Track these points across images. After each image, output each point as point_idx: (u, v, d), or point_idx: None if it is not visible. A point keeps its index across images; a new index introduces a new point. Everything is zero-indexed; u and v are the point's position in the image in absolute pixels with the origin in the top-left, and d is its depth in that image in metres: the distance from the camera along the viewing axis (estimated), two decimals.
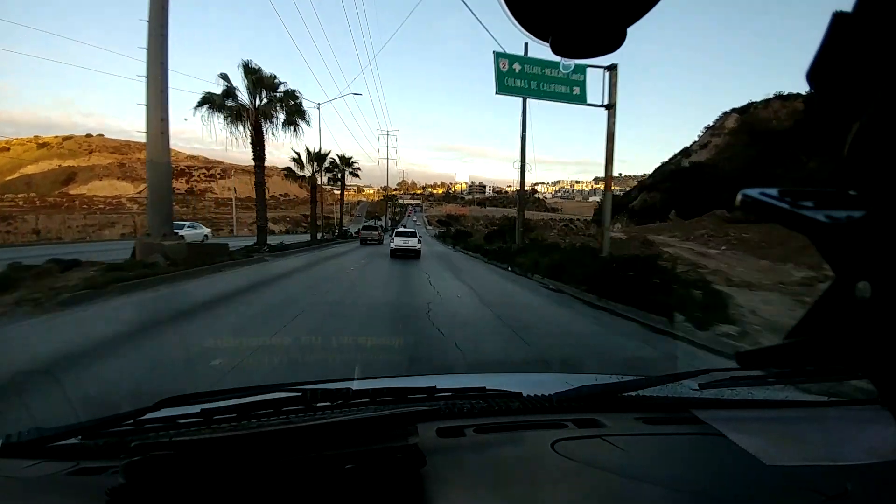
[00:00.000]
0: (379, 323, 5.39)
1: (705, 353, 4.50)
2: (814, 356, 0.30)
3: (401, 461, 0.66)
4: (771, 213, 0.28)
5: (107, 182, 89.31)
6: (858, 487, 0.67)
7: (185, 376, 3.32)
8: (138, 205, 56.03)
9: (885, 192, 0.25)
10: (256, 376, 3.19)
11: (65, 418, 1.49)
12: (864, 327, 0.26)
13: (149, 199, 10.70)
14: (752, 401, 1.05)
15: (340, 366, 3.70)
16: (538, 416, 0.96)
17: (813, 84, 0.28)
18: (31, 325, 4.83)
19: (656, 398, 1.04)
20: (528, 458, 0.78)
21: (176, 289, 7.69)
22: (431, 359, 3.92)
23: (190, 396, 0.91)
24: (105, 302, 6.20)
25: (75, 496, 0.70)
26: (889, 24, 0.25)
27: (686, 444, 0.87)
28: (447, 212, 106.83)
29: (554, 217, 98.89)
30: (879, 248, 0.25)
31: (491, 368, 3.83)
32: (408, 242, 16.32)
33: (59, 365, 3.39)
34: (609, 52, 0.47)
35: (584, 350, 4.61)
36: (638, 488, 0.68)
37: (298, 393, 0.88)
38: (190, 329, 4.84)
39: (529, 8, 0.45)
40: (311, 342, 4.27)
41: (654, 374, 1.11)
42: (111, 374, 3.24)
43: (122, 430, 0.86)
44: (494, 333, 5.04)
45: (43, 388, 2.22)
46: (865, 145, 0.26)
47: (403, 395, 0.97)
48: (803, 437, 0.86)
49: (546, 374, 2.47)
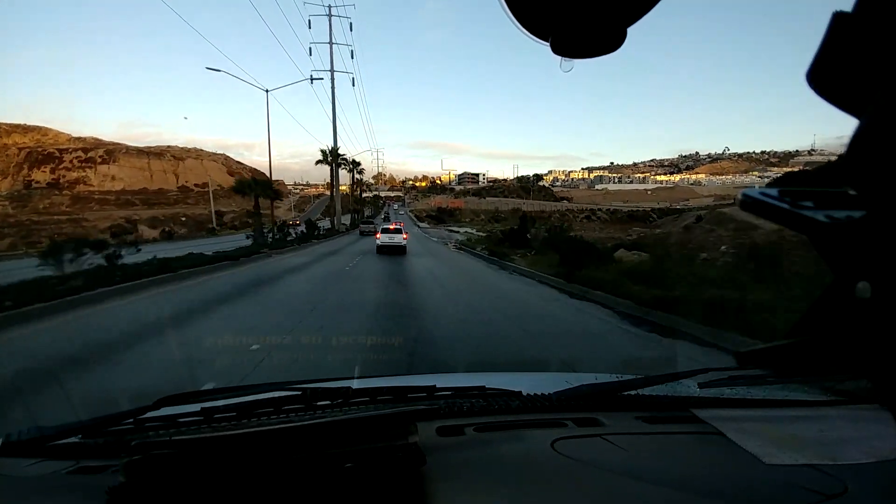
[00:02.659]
0: None
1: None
2: (813, 356, 0.30)
3: (401, 460, 0.66)
4: (771, 214, 0.28)
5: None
6: (858, 487, 0.67)
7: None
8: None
9: (885, 192, 0.25)
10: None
11: (65, 417, 1.49)
12: (864, 327, 0.26)
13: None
14: (752, 400, 1.05)
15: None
16: (538, 414, 0.96)
17: (813, 84, 0.28)
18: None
19: (656, 397, 1.04)
20: (528, 457, 0.78)
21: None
22: None
23: (190, 395, 0.92)
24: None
25: (75, 495, 0.70)
26: (889, 24, 0.25)
27: (686, 443, 0.88)
28: (437, 204, 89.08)
29: (571, 208, 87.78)
30: (879, 248, 0.25)
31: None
32: (393, 239, 17.04)
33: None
34: (609, 51, 0.47)
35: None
36: (637, 487, 0.68)
37: (298, 392, 0.88)
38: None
39: (529, 8, 0.45)
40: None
41: (653, 373, 1.11)
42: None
43: (122, 428, 0.86)
44: None
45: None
46: (865, 145, 0.26)
47: (403, 394, 0.97)
48: (803, 437, 0.86)
49: (545, 373, 2.47)
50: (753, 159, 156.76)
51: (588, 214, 72.10)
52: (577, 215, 70.00)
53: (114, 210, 42.42)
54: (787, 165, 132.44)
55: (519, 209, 78.20)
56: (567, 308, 7.05)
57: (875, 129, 0.25)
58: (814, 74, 0.28)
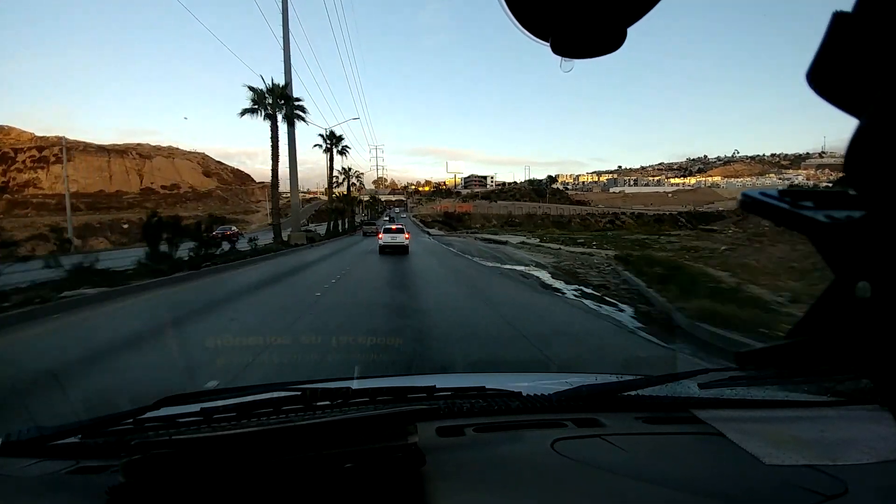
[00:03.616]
0: None
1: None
2: (813, 356, 0.30)
3: (400, 460, 0.66)
4: (771, 214, 0.28)
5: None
6: (858, 487, 0.67)
7: None
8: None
9: (885, 192, 0.25)
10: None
11: (65, 416, 1.49)
12: (864, 327, 0.26)
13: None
14: (752, 400, 1.05)
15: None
16: (538, 415, 0.96)
17: (813, 84, 0.28)
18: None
19: (656, 398, 1.04)
20: (528, 458, 0.78)
21: None
22: None
23: (189, 395, 0.92)
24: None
25: (75, 495, 0.70)
26: (889, 24, 0.25)
27: (686, 443, 0.87)
28: (443, 209, 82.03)
29: (591, 212, 78.51)
30: (879, 248, 0.25)
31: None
32: (395, 239, 17.12)
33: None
34: (609, 51, 0.47)
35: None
36: (637, 487, 0.68)
37: (298, 392, 0.88)
38: None
39: (529, 8, 0.45)
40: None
41: (653, 373, 1.11)
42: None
43: (122, 428, 0.86)
44: None
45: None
46: (865, 145, 0.26)
47: (403, 395, 0.97)
48: (803, 437, 0.86)
49: (545, 373, 2.47)
50: (766, 161, 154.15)
51: (611, 219, 68.16)
52: (600, 220, 66.79)
53: (50, 215, 33.96)
54: (799, 168, 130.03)
55: (534, 213, 74.17)
56: None
57: (875, 129, 0.25)
58: (814, 74, 0.28)
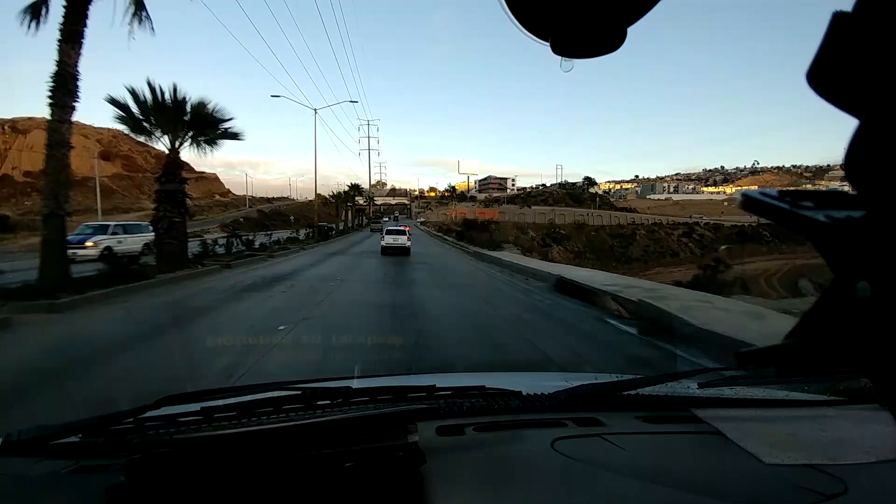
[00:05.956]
0: None
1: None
2: (813, 356, 0.30)
3: (400, 459, 0.66)
4: (771, 214, 0.28)
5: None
6: (858, 487, 0.67)
7: None
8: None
9: (885, 192, 0.25)
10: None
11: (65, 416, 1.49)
12: (864, 327, 0.26)
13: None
14: (752, 400, 1.05)
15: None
16: (538, 414, 0.96)
17: (813, 84, 0.28)
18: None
19: (656, 397, 1.04)
20: (528, 457, 0.78)
21: None
22: None
23: (190, 395, 0.92)
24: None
25: (76, 495, 0.71)
26: (889, 24, 0.25)
27: (685, 442, 0.88)
28: (460, 215, 61.12)
29: (658, 221, 64.19)
30: (879, 248, 0.25)
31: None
32: (398, 240, 16.69)
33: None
34: (609, 51, 0.47)
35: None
36: (638, 487, 0.68)
37: (298, 391, 0.88)
38: None
39: (529, 8, 0.45)
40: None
41: (653, 373, 1.11)
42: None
43: (123, 428, 0.86)
44: None
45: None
46: (865, 145, 0.26)
47: (403, 394, 0.97)
48: (803, 437, 0.86)
49: (546, 372, 2.47)
50: (792, 172, 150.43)
51: (687, 231, 55.24)
52: (671, 231, 54.02)
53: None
54: (822, 179, 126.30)
55: (584, 223, 58.00)
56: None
57: (875, 129, 0.25)
58: (814, 74, 0.28)
